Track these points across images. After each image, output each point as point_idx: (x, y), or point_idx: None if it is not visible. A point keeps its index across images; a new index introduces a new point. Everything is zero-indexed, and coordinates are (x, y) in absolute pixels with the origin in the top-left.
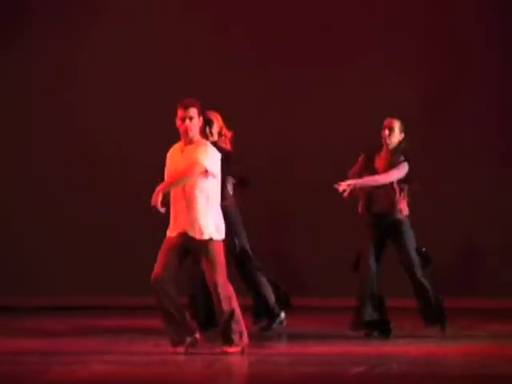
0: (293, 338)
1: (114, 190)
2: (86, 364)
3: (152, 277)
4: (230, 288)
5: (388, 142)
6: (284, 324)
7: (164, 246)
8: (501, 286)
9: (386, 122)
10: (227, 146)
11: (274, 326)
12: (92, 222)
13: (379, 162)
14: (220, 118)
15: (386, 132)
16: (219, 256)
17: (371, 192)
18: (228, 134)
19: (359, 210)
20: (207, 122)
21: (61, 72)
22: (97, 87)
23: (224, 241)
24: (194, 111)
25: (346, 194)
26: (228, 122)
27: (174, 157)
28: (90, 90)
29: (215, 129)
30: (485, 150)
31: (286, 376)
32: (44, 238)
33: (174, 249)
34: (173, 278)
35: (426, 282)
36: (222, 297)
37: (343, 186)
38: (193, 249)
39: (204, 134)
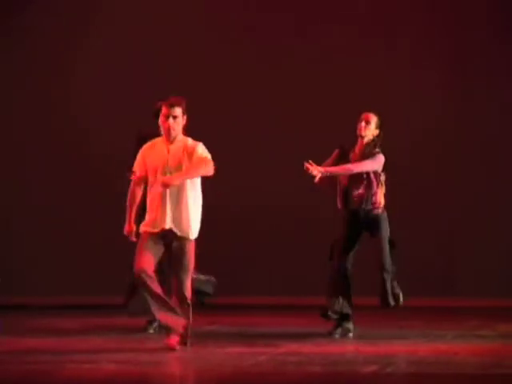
0: (303, 337)
1: (114, 189)
2: (98, 363)
3: (137, 271)
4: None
5: (363, 134)
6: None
7: (144, 242)
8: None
9: (364, 115)
10: None
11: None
12: (98, 222)
13: (353, 155)
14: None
15: (363, 124)
16: (193, 257)
17: (347, 187)
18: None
19: (338, 205)
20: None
21: (61, 72)
22: (98, 88)
23: None
24: (178, 110)
25: (316, 179)
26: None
27: (154, 152)
28: (91, 90)
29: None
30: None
31: (294, 375)
32: (52, 238)
33: (156, 244)
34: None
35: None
36: (187, 296)
37: (315, 170)
38: (171, 246)
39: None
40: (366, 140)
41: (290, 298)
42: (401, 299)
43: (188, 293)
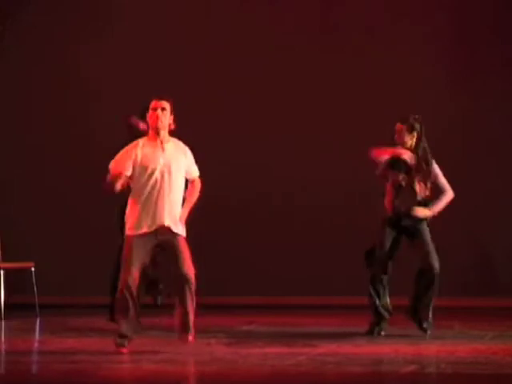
0: (342, 337)
1: None
2: (137, 363)
3: (123, 286)
4: None
5: (401, 142)
6: None
7: (133, 249)
8: None
9: (396, 125)
10: None
11: None
12: None
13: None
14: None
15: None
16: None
17: (398, 191)
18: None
19: (386, 205)
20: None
21: (73, 72)
22: (109, 89)
23: None
24: (167, 104)
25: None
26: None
27: (145, 151)
28: (103, 92)
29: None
30: None
31: (333, 376)
32: (93, 237)
33: (144, 248)
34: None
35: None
36: (193, 288)
37: (424, 213)
38: (166, 243)
39: None
40: (408, 145)
41: (328, 297)
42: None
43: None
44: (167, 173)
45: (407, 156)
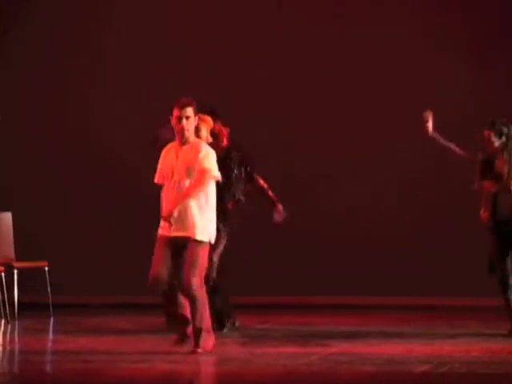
0: (355, 336)
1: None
2: (151, 362)
3: (153, 277)
4: (204, 290)
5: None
6: None
7: (161, 245)
8: None
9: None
10: (224, 144)
11: None
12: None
13: (498, 162)
14: (209, 120)
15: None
16: (203, 257)
17: (496, 197)
18: (225, 131)
19: (482, 214)
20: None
21: (77, 72)
22: (114, 89)
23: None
24: (190, 110)
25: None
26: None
27: (167, 157)
28: (107, 91)
29: (203, 133)
30: None
31: (347, 375)
32: (108, 237)
33: (171, 248)
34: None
35: None
36: (192, 298)
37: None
38: (182, 248)
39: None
40: (498, 150)
41: (341, 297)
42: None
43: (199, 292)
44: (177, 179)
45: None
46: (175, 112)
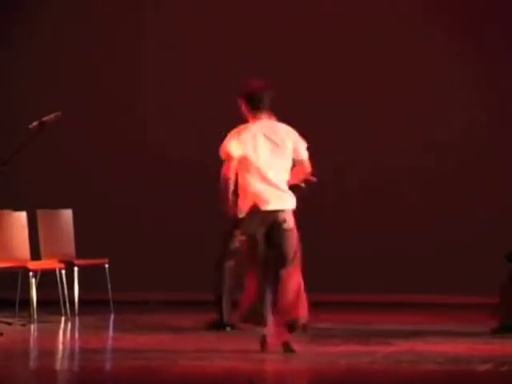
0: (415, 335)
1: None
2: (210, 360)
3: None
4: None
5: None
6: None
7: None
8: None
9: None
10: None
11: None
12: (210, 220)
13: None
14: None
15: None
16: None
17: None
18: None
19: None
20: None
21: (125, 66)
22: (161, 86)
23: None
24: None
25: None
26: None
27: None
28: (156, 90)
29: None
30: None
31: (408, 374)
32: (167, 234)
33: None
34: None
35: None
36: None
37: None
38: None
39: None
40: None
41: (401, 295)
42: None
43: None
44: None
45: None
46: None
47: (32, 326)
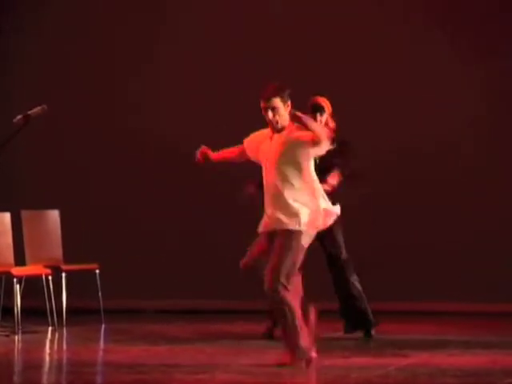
0: (434, 346)
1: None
2: (210, 373)
3: None
4: None
5: None
6: None
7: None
8: None
9: None
10: None
11: None
12: (215, 227)
13: None
14: (330, 106)
15: None
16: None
17: None
18: (332, 124)
19: None
20: (317, 109)
21: (127, 65)
22: (168, 83)
23: None
24: (276, 101)
25: None
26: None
27: (263, 143)
28: (160, 86)
29: (324, 117)
30: None
31: None
32: (167, 242)
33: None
34: None
35: None
36: (276, 305)
37: None
38: None
39: None
40: None
41: (417, 303)
42: None
43: None
44: (269, 165)
45: None
46: (261, 104)
47: (16, 337)
